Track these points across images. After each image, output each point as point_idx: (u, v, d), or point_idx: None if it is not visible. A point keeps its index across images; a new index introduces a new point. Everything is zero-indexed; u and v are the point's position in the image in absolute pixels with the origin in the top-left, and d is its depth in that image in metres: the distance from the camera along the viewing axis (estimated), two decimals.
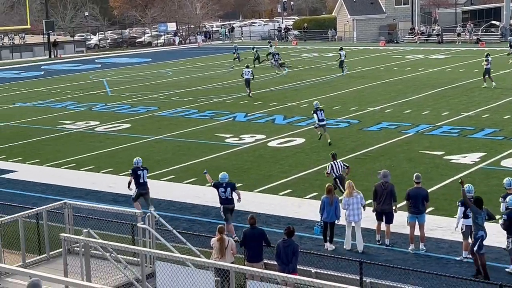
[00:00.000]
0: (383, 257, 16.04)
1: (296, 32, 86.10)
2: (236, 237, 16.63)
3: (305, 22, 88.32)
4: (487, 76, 39.38)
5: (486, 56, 39.46)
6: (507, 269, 15.10)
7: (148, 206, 18.85)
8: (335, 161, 19.61)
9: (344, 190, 17.36)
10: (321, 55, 61.45)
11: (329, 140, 26.94)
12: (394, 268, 14.05)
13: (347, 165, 19.82)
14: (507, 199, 15.13)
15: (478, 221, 14.80)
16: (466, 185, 15.67)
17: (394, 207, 16.81)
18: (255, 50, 53.91)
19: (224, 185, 17.51)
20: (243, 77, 39.43)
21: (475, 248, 14.75)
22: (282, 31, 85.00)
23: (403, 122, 30.85)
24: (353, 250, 16.47)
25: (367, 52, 64.01)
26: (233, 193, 17.58)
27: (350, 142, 27.57)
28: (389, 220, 16.73)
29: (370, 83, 43.27)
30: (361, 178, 21.78)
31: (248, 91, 39.17)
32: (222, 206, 17.58)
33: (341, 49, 48.41)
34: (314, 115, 27.41)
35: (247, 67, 40.19)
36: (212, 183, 17.89)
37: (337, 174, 19.44)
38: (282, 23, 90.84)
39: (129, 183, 19.82)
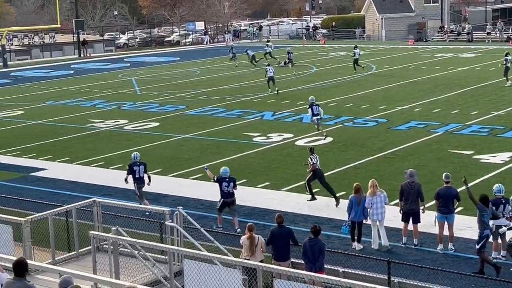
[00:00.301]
0: (412, 256, 15.95)
1: (324, 31, 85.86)
2: (221, 227, 17.79)
3: (333, 21, 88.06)
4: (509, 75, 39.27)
5: (506, 55, 39.30)
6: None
7: (142, 200, 20.06)
8: (313, 155, 20.33)
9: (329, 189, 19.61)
10: (349, 54, 61.06)
11: (320, 130, 28.29)
12: (423, 268, 13.96)
13: None
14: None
15: (484, 219, 15.05)
16: (496, 185, 15.74)
17: (422, 207, 16.73)
18: (247, 51, 55.09)
19: (227, 179, 18.18)
20: (267, 76, 39.99)
21: (477, 246, 14.96)
22: (310, 29, 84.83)
23: (432, 121, 30.64)
24: (381, 250, 16.40)
25: (396, 50, 63.65)
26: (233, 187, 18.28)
27: (378, 141, 27.45)
28: (417, 220, 16.64)
29: (399, 82, 43.03)
30: (389, 178, 21.73)
31: (275, 88, 39.62)
32: (222, 199, 18.23)
33: (355, 47, 49.11)
34: (309, 110, 28.20)
35: (269, 65, 41.12)
36: (215, 178, 18.37)
37: (318, 167, 20.17)
38: (310, 21, 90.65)
39: (126, 179, 20.22)
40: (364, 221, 16.68)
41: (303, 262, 13.95)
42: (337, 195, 20.32)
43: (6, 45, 67.00)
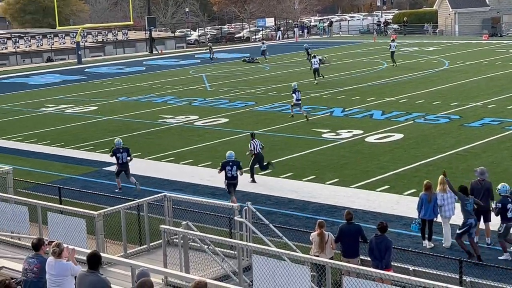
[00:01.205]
0: (484, 256, 15.62)
1: (395, 26, 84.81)
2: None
3: (405, 16, 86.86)
4: None
5: None
6: (500, 258, 15.46)
7: (129, 178, 22.05)
8: (254, 140, 22.42)
9: (264, 167, 22.33)
10: (421, 49, 60.32)
11: (305, 114, 31.33)
12: (496, 268, 13.69)
13: (263, 145, 22.84)
14: (499, 186, 15.71)
15: (467, 208, 15.62)
16: (501, 185, 15.81)
17: (491, 207, 16.38)
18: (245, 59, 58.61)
19: (230, 163, 19.84)
20: (312, 68, 42.70)
21: (465, 235, 15.53)
22: (381, 25, 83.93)
23: (507, 118, 29.94)
24: (453, 248, 16.12)
25: (469, 46, 62.38)
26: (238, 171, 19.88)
27: (450, 138, 26.97)
28: (487, 219, 16.32)
29: (472, 77, 42.18)
30: (461, 175, 21.34)
31: (316, 79, 42.04)
32: (226, 181, 19.81)
33: (392, 40, 50.22)
34: (293, 95, 31.48)
35: (314, 57, 43.56)
36: (220, 165, 20.02)
37: (257, 152, 22.21)
38: (382, 17, 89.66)
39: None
40: (434, 220, 16.44)
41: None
42: (408, 192, 20.14)
43: (80, 42, 68.51)
